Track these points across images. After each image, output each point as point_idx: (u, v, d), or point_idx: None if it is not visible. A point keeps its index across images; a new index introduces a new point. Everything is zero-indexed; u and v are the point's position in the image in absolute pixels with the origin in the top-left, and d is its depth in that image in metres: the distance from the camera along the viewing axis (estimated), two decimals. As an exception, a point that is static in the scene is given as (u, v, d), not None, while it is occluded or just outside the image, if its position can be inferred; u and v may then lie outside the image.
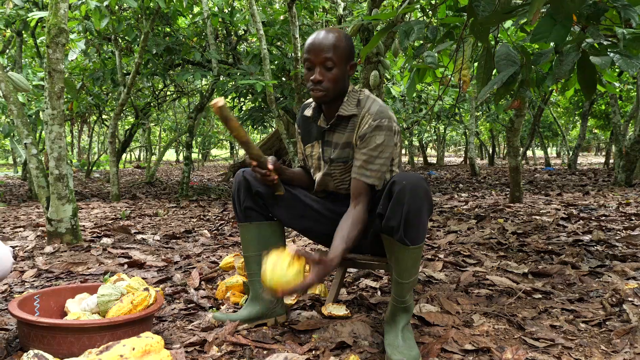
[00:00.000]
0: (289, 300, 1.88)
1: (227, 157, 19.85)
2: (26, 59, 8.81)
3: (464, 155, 18.84)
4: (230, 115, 1.45)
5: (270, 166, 1.57)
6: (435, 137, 17.99)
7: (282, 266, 1.29)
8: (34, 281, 2.27)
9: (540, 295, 2.03)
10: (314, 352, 1.47)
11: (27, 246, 2.99)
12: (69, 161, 3.24)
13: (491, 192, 6.86)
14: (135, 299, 1.49)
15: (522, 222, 3.86)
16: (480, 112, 12.73)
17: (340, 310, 1.76)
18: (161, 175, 12.30)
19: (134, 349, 0.80)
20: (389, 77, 6.87)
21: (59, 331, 1.34)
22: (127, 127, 11.49)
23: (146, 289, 1.55)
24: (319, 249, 2.18)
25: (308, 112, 1.73)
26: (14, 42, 7.56)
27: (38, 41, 7.40)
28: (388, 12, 2.20)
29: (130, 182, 9.77)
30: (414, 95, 9.06)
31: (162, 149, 11.33)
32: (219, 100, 1.41)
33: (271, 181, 1.60)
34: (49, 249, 2.88)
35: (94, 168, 12.68)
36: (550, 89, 4.76)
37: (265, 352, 1.48)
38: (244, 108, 7.78)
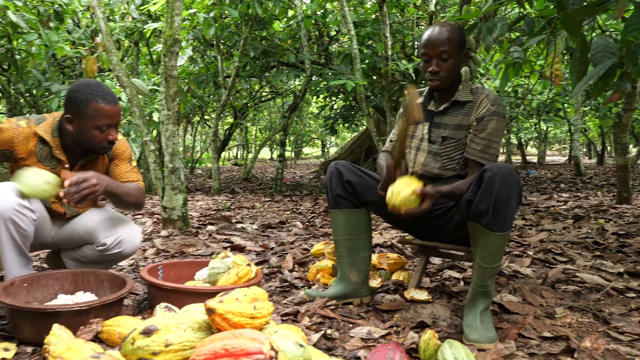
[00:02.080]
0: (374, 284, 2.02)
1: (318, 155, 20.37)
2: (141, 66, 9.83)
3: (568, 153, 17.54)
4: (413, 105, 1.58)
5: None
6: (535, 135, 16.96)
7: (406, 190, 1.53)
8: (154, 258, 2.64)
9: (634, 295, 1.96)
10: (395, 328, 1.60)
11: (146, 230, 3.44)
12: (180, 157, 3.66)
13: (596, 192, 6.41)
14: (240, 272, 1.72)
15: (626, 224, 3.63)
16: (588, 107, 11.80)
17: (422, 295, 1.87)
18: (256, 172, 13.00)
19: (246, 295, 1.00)
20: (483, 72, 6.71)
21: (180, 294, 1.61)
22: (226, 127, 12.30)
23: (249, 265, 1.78)
24: (405, 236, 2.28)
25: (420, 100, 1.90)
26: (131, 51, 8.49)
27: (152, 50, 8.26)
28: (473, 11, 2.23)
29: (229, 178, 10.48)
30: (510, 90, 8.70)
31: (257, 147, 11.98)
32: (411, 91, 1.59)
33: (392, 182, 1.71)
34: (164, 232, 3.29)
35: (197, 165, 13.74)
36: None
37: (350, 325, 1.63)
38: (334, 107, 8.01)
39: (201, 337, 0.91)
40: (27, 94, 6.47)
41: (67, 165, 1.85)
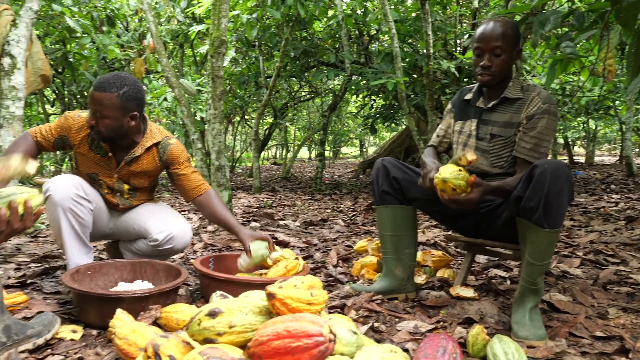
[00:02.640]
0: (419, 281, 2.03)
1: (356, 155, 20.36)
2: (184, 67, 10.13)
3: (619, 153, 16.75)
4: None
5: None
6: (583, 134, 16.31)
7: (456, 175, 1.48)
8: (202, 251, 2.73)
9: (694, 297, 1.89)
10: (441, 323, 1.61)
11: (193, 225, 3.56)
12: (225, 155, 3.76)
13: (649, 193, 6.12)
14: (288, 265, 1.78)
15: (682, 225, 3.47)
16: (642, 104, 11.24)
17: (468, 292, 1.86)
18: (295, 171, 13.14)
19: (303, 282, 1.04)
20: (528, 68, 6.55)
21: (232, 284, 1.67)
22: (265, 127, 12.49)
23: (296, 258, 1.83)
24: (448, 233, 2.27)
25: (468, 96, 1.91)
26: (176, 52, 8.77)
27: (195, 51, 8.49)
28: (522, 4, 2.19)
29: (269, 176, 10.63)
30: (558, 87, 8.42)
31: (296, 147, 12.10)
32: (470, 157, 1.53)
33: None
34: (210, 228, 3.40)
35: (237, 164, 14.01)
36: None
37: (397, 319, 1.65)
38: (374, 106, 8.00)
39: (261, 321, 0.96)
40: (79, 96, 6.80)
41: (110, 154, 1.94)
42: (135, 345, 1.25)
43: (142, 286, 1.75)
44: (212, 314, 0.94)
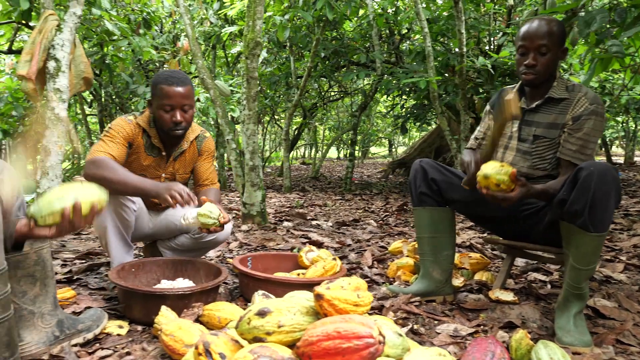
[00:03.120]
0: (456, 283, 2.01)
1: (385, 155, 20.23)
2: (216, 69, 10.29)
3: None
4: (511, 111, 1.52)
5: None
6: (622, 134, 15.77)
7: (497, 170, 1.47)
8: (238, 250, 2.78)
9: None
10: (482, 327, 1.59)
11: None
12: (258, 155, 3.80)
13: (693, 195, 5.88)
14: (326, 265, 1.79)
15: None
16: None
17: (508, 296, 1.83)
18: (324, 170, 13.16)
19: (349, 283, 1.05)
20: (565, 66, 6.37)
21: (271, 284, 1.70)
22: (295, 127, 12.56)
23: (334, 259, 1.84)
24: (485, 235, 2.24)
25: (510, 96, 1.85)
26: (208, 54, 8.91)
27: (227, 52, 8.61)
28: (568, 3, 2.14)
29: (298, 176, 10.68)
30: (597, 85, 8.16)
31: (326, 147, 12.12)
32: (510, 98, 1.52)
33: None
34: (244, 227, 3.45)
35: (267, 164, 14.12)
36: None
37: (436, 321, 1.64)
38: (405, 106, 7.94)
39: (309, 321, 0.97)
40: (115, 97, 7.00)
41: (163, 153, 2.00)
42: (181, 341, 1.28)
43: (183, 284, 1.79)
44: (262, 314, 0.96)
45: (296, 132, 11.48)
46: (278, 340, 0.94)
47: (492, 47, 6.43)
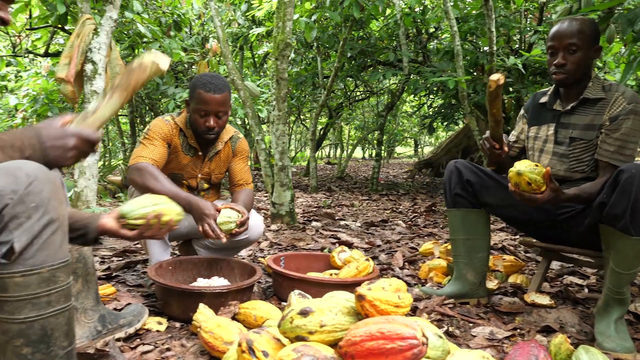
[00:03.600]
0: (491, 286, 1.99)
1: (411, 155, 20.08)
2: (243, 69, 10.40)
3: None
4: (496, 93, 1.54)
5: (505, 148, 1.71)
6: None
7: (531, 169, 1.45)
8: (269, 250, 2.81)
9: None
10: (518, 330, 1.57)
11: (257, 224, 3.65)
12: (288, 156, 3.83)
13: None
14: (359, 266, 1.79)
15: None
16: None
17: (544, 300, 1.80)
18: (350, 170, 13.15)
19: (390, 285, 1.06)
20: (600, 65, 6.21)
21: (305, 283, 1.71)
22: (320, 127, 12.59)
23: (367, 260, 1.85)
24: (518, 237, 2.21)
25: (543, 99, 1.85)
26: (236, 55, 9.02)
27: (254, 53, 8.70)
28: (607, 1, 2.08)
29: (323, 176, 10.70)
30: (634, 84, 7.92)
31: (351, 147, 12.11)
32: (500, 78, 1.52)
33: (498, 155, 1.71)
34: (274, 227, 3.48)
35: (292, 163, 14.20)
36: None
37: (470, 324, 1.63)
38: (432, 105, 7.87)
39: (350, 321, 0.98)
40: (145, 98, 7.15)
41: (200, 153, 2.04)
42: (220, 339, 1.31)
43: (218, 282, 1.83)
44: (304, 313, 0.97)
45: (322, 131, 11.50)
46: (320, 340, 0.96)
47: (523, 45, 6.30)
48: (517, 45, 6.52)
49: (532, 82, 5.68)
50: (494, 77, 1.52)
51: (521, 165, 1.47)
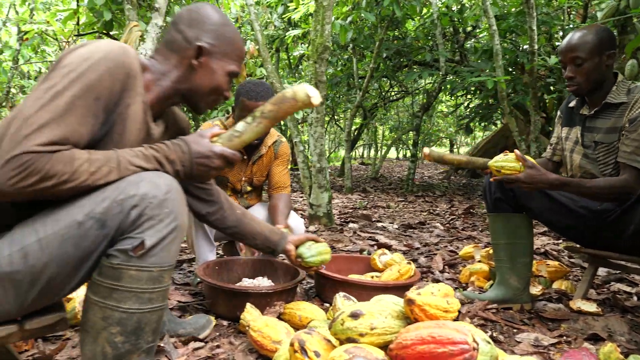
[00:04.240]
0: (534, 291, 1.96)
1: (445, 155, 19.79)
2: (279, 71, 10.51)
3: None
4: (439, 155, 1.76)
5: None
6: None
7: (504, 158, 1.64)
8: (308, 251, 2.85)
9: None
10: (564, 337, 1.55)
11: (295, 224, 3.71)
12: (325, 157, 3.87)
13: None
14: (401, 269, 1.81)
15: None
16: None
17: (591, 307, 1.77)
18: (384, 171, 13.08)
19: (439, 290, 1.08)
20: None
21: (347, 285, 1.74)
22: (355, 127, 12.58)
23: (408, 263, 1.86)
24: (561, 241, 2.16)
25: (572, 103, 1.87)
26: (272, 56, 9.13)
27: (290, 55, 8.78)
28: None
29: (357, 176, 10.69)
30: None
31: (386, 147, 12.05)
32: (425, 151, 1.75)
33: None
34: (312, 228, 3.52)
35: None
36: None
37: (514, 330, 1.62)
38: (470, 105, 7.76)
39: (399, 325, 1.01)
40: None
41: (245, 157, 2.10)
42: (269, 338, 1.35)
43: (262, 282, 1.88)
44: (355, 315, 1.01)
45: (356, 132, 11.49)
46: (370, 342, 0.99)
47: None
48: (558, 44, 6.34)
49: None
50: (425, 153, 1.76)
51: (494, 164, 1.65)
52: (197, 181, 1.11)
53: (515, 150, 1.62)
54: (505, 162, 1.63)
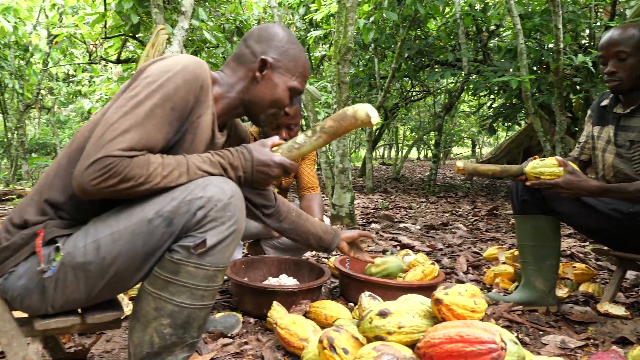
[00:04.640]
0: (561, 294, 1.95)
1: (468, 156, 19.57)
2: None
3: None
4: (474, 168, 1.72)
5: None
6: None
7: (542, 163, 1.63)
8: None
9: None
10: (592, 341, 1.54)
11: (317, 224, 3.73)
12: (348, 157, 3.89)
13: None
14: (425, 270, 1.82)
15: None
16: None
17: (619, 310, 1.75)
18: (405, 171, 13.02)
19: (466, 290, 1.09)
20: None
21: (372, 285, 1.76)
22: (375, 127, 12.54)
23: (433, 264, 1.87)
24: (588, 244, 2.14)
25: (605, 102, 1.84)
26: (293, 57, 9.19)
27: (311, 55, 8.82)
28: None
29: (378, 177, 10.67)
30: None
31: (407, 147, 11.99)
32: (458, 165, 1.72)
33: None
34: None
35: (347, 163, 14.22)
36: None
37: (540, 332, 1.62)
38: (494, 105, 7.67)
39: (427, 324, 1.02)
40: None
41: None
42: (296, 335, 1.38)
43: (287, 281, 1.91)
44: (383, 314, 1.03)
45: (377, 132, 11.47)
46: (398, 340, 1.00)
47: (593, 42, 6.02)
48: (585, 42, 6.23)
49: (602, 80, 5.41)
50: (459, 164, 1.73)
51: (528, 166, 1.65)
52: (256, 188, 1.18)
53: (557, 157, 1.62)
54: (544, 167, 1.61)
